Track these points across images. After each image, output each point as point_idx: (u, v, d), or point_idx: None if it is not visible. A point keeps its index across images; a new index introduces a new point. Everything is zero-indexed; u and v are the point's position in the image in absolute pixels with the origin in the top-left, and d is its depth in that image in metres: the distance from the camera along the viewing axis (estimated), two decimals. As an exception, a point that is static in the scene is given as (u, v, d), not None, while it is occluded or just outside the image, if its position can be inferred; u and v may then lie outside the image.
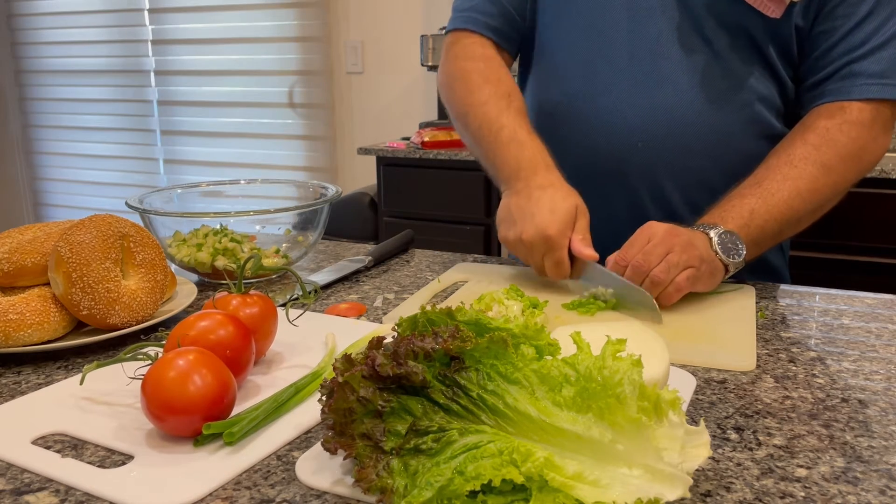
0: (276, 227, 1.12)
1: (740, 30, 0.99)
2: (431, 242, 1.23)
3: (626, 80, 1.03)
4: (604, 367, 0.47)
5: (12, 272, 0.79)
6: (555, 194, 0.91)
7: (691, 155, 1.02)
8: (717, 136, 1.01)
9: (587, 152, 1.06)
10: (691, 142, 1.01)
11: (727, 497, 0.51)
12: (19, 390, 0.69)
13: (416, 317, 0.57)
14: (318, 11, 3.39)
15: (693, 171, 1.03)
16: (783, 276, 1.15)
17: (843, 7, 0.95)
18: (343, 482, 0.52)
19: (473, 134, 1.05)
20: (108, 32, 3.99)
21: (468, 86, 1.07)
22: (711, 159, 1.03)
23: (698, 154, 1.02)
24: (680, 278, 0.85)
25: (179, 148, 3.94)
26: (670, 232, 0.87)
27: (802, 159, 0.94)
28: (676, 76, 1.00)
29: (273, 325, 0.73)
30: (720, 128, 1.01)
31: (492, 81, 1.06)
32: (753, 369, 0.72)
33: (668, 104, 1.01)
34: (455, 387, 0.48)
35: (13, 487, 0.53)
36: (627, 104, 1.03)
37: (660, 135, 1.02)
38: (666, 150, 1.02)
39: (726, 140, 1.02)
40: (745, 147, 1.02)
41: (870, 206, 2.18)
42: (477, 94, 1.05)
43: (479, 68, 1.08)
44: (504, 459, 0.45)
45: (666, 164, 1.03)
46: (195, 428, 0.56)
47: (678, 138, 1.01)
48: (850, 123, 0.95)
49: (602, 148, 1.05)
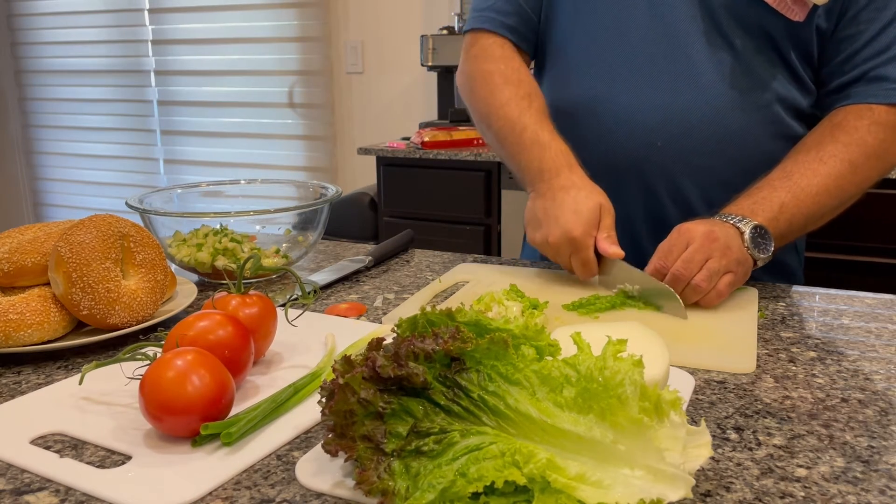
0: (276, 227, 1.12)
1: (761, 31, 0.99)
2: (431, 242, 1.23)
3: (646, 80, 1.03)
4: (605, 367, 0.47)
5: (12, 272, 0.79)
6: (577, 195, 0.92)
7: (710, 155, 1.02)
8: (735, 136, 1.02)
9: (606, 151, 1.07)
10: (710, 142, 1.02)
11: (727, 497, 0.51)
12: (19, 390, 0.69)
13: (416, 318, 0.57)
14: (318, 11, 3.39)
15: (712, 171, 1.03)
16: (798, 277, 1.16)
17: (867, 12, 0.96)
18: (344, 484, 0.52)
19: (496, 135, 1.06)
20: (108, 32, 3.99)
21: (489, 87, 1.07)
22: (730, 159, 1.03)
23: (717, 154, 1.02)
24: (721, 285, 0.87)
25: (179, 148, 3.94)
26: (708, 236, 0.87)
27: (832, 156, 0.95)
28: (696, 76, 1.01)
29: (272, 326, 0.73)
30: (739, 128, 1.01)
31: (512, 82, 1.06)
32: (753, 370, 0.72)
33: (687, 104, 1.01)
34: (456, 388, 0.48)
35: (13, 487, 0.53)
36: (647, 104, 1.03)
37: (678, 134, 1.02)
38: (685, 150, 1.02)
39: (745, 140, 1.02)
40: (763, 147, 1.02)
41: (870, 206, 2.18)
42: (498, 95, 1.06)
43: (499, 69, 1.08)
44: (506, 461, 0.45)
45: (684, 164, 1.03)
46: (193, 428, 0.56)
47: (697, 138, 1.02)
48: (878, 125, 0.96)
49: (621, 147, 1.05)
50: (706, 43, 1.00)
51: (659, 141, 1.02)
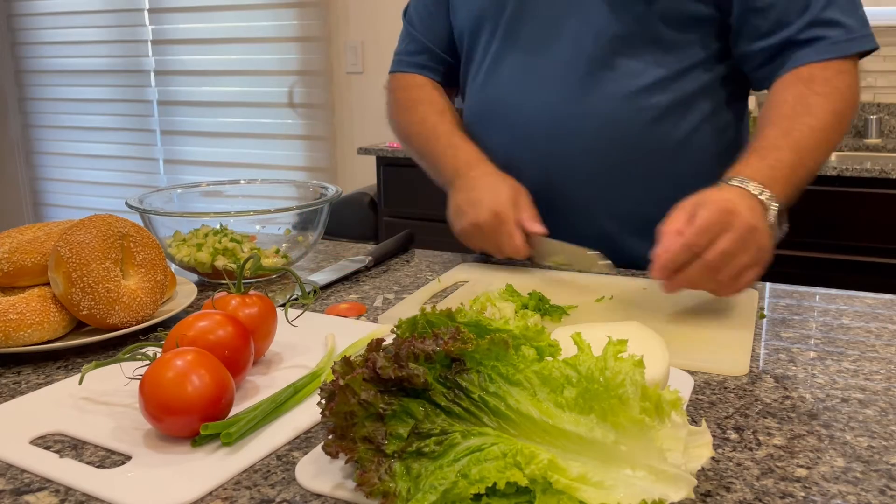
0: (276, 227, 1.12)
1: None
2: (431, 242, 1.23)
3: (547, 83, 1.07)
4: (605, 367, 0.47)
5: (12, 272, 0.79)
6: (493, 179, 1.02)
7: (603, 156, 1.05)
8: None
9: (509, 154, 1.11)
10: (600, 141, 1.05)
11: (727, 497, 0.51)
12: (19, 390, 0.69)
13: (416, 318, 0.57)
14: (318, 11, 3.39)
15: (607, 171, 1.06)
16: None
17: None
18: (344, 486, 0.52)
19: (417, 149, 1.19)
20: (108, 32, 3.98)
21: (406, 110, 1.21)
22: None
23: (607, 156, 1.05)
24: (749, 279, 0.82)
25: (179, 148, 3.94)
26: (749, 230, 0.80)
27: (820, 108, 0.94)
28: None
29: (272, 326, 0.73)
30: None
31: (425, 102, 1.20)
32: (746, 374, 0.72)
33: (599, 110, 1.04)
34: (456, 389, 0.48)
35: (13, 487, 0.53)
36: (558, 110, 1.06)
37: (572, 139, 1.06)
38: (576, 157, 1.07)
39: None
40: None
41: (870, 206, 2.18)
42: (414, 114, 1.19)
43: (413, 96, 1.22)
44: (508, 462, 0.45)
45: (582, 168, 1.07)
46: (193, 428, 0.56)
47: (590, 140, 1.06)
48: (843, 73, 0.97)
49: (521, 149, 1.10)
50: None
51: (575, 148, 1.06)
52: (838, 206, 2.22)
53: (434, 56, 1.24)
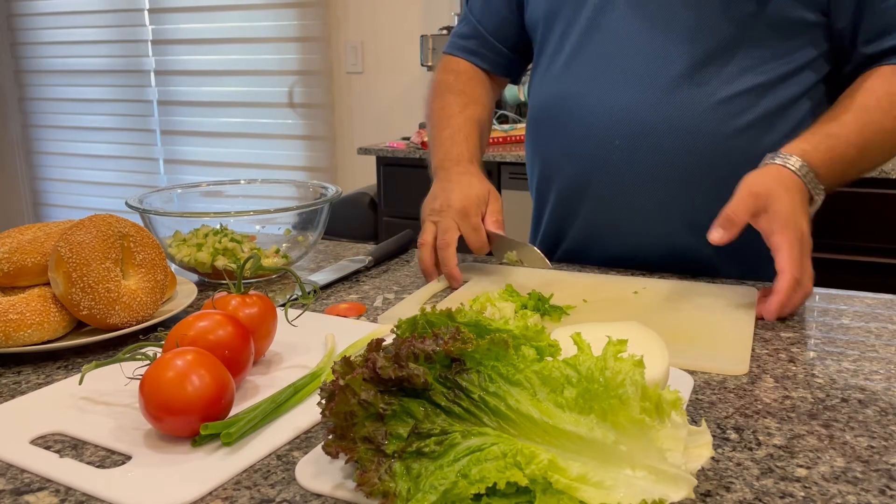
0: (276, 227, 1.12)
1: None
2: (431, 242, 1.25)
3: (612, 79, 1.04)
4: (605, 367, 0.47)
5: (12, 272, 0.79)
6: (471, 180, 1.04)
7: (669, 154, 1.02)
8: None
9: (572, 151, 1.09)
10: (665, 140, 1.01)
11: (727, 497, 0.51)
12: (19, 390, 0.69)
13: (416, 318, 0.57)
14: (318, 11, 3.39)
15: (674, 171, 1.03)
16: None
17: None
18: (344, 486, 0.52)
19: (429, 133, 1.19)
20: (108, 32, 3.98)
21: (436, 94, 1.21)
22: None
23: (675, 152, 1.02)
24: (810, 289, 0.86)
25: (179, 148, 3.94)
26: (809, 240, 0.85)
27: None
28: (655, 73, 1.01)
29: (272, 326, 0.73)
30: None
31: (455, 91, 1.19)
32: (746, 373, 0.72)
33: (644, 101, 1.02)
34: (456, 389, 0.48)
35: (13, 487, 0.53)
36: (608, 102, 1.03)
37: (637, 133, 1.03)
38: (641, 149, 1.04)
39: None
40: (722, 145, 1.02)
41: (870, 206, 2.18)
42: (439, 100, 1.19)
43: (448, 80, 1.22)
44: (508, 462, 0.45)
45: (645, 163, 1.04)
46: (193, 428, 0.56)
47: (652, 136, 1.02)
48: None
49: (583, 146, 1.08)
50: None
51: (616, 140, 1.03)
52: (838, 206, 2.22)
53: (485, 43, 1.22)
